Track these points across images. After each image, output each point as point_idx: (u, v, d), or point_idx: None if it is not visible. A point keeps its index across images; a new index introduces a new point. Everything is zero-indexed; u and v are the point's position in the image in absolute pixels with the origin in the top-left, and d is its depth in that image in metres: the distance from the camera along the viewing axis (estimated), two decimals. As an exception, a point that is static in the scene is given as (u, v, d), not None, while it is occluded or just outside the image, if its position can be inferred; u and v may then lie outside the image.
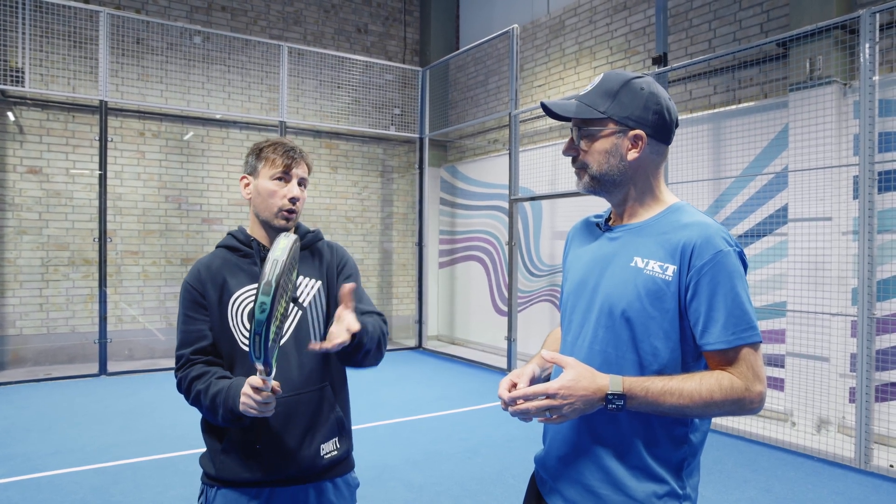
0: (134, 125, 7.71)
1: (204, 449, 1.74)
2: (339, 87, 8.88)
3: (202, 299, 1.69)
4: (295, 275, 1.52)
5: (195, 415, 5.46)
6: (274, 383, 1.45)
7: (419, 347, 9.04)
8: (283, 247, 1.38)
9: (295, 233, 1.79)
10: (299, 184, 1.73)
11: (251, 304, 1.67)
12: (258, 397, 1.44)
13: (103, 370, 6.86)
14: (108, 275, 7.15)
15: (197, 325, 1.68)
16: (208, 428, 1.70)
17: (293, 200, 1.70)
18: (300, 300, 1.73)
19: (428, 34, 9.78)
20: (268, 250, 1.72)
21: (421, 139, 9.05)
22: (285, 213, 1.70)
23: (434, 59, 9.48)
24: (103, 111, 6.89)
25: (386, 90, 9.11)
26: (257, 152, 1.74)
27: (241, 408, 1.47)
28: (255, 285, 1.68)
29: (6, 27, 6.73)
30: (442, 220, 9.74)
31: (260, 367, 1.40)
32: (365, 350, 1.60)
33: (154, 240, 7.81)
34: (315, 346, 1.45)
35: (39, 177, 7.21)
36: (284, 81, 7.88)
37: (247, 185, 1.76)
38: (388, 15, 9.75)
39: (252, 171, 1.75)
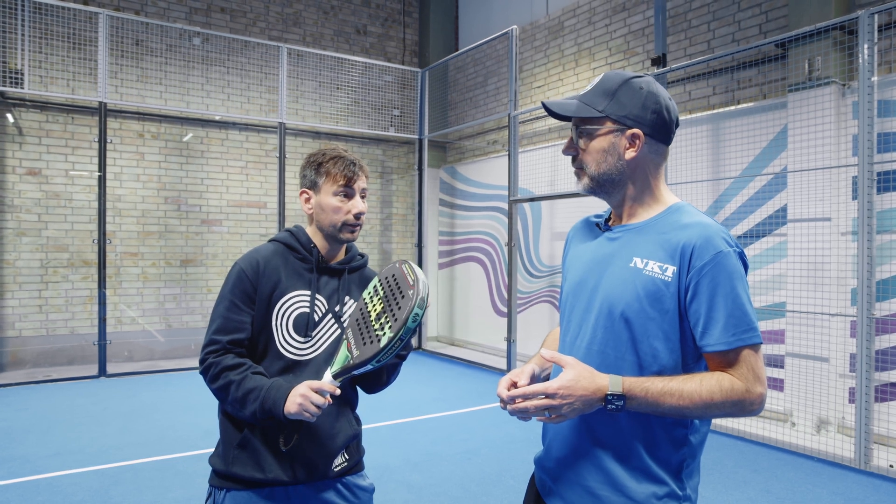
0: (133, 126, 7.71)
1: (210, 451, 1.74)
2: (338, 88, 8.88)
3: (253, 292, 1.67)
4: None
5: (195, 416, 5.42)
6: (336, 389, 1.52)
7: (419, 348, 9.04)
8: (422, 272, 1.51)
9: (346, 253, 1.83)
10: (362, 195, 1.75)
11: (301, 310, 1.70)
12: (316, 398, 1.49)
13: (103, 372, 6.85)
14: (108, 276, 7.15)
15: (241, 316, 1.66)
16: (229, 417, 1.70)
17: (358, 216, 1.73)
18: (342, 320, 1.75)
19: (427, 35, 9.79)
20: (326, 261, 1.78)
21: (420, 140, 9.05)
22: (350, 227, 1.74)
23: (433, 60, 9.49)
24: (102, 113, 6.89)
25: (385, 91, 9.11)
26: (316, 167, 1.74)
27: (294, 407, 1.50)
28: (307, 292, 1.72)
29: (5, 29, 6.73)
30: (441, 220, 9.75)
31: (336, 374, 1.51)
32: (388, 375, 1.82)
33: (153, 241, 7.81)
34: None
35: (39, 178, 7.20)
36: (283, 83, 7.88)
37: (307, 199, 1.76)
38: (388, 16, 9.76)
39: (312, 186, 1.75)
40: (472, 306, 9.06)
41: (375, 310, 1.53)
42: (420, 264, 9.11)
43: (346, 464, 1.76)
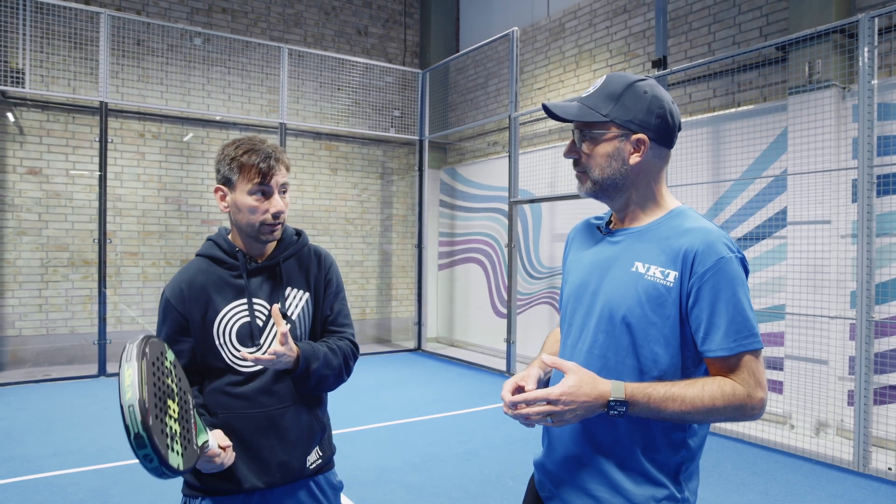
0: (134, 126, 7.72)
1: None
2: (339, 88, 8.88)
3: (184, 321, 1.62)
4: (166, 372, 1.38)
5: (195, 416, 5.31)
6: (218, 443, 1.48)
7: (418, 349, 9.04)
8: (129, 384, 1.23)
9: (280, 242, 1.74)
10: (281, 191, 1.62)
11: (241, 321, 1.64)
12: (213, 464, 1.47)
13: (102, 371, 6.85)
14: (108, 276, 7.15)
15: (177, 346, 1.63)
16: None
17: (277, 215, 1.60)
18: (289, 313, 1.68)
19: (428, 36, 9.80)
20: (254, 260, 1.67)
21: (421, 141, 9.06)
22: (269, 228, 1.61)
23: (434, 61, 9.49)
24: (103, 112, 6.89)
25: (386, 92, 9.11)
26: (229, 161, 1.59)
27: (202, 468, 1.50)
28: (243, 300, 1.65)
29: (7, 28, 6.73)
30: (441, 222, 9.75)
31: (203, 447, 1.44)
32: (318, 376, 1.62)
33: (154, 241, 7.81)
34: (246, 355, 1.52)
35: (39, 178, 7.21)
36: (284, 83, 7.89)
37: (223, 197, 1.63)
38: (389, 17, 9.76)
39: (226, 183, 1.61)
40: (471, 307, 9.06)
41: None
42: (420, 265, 9.11)
43: (320, 461, 1.74)
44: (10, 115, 7.10)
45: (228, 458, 1.50)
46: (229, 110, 8.25)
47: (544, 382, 1.43)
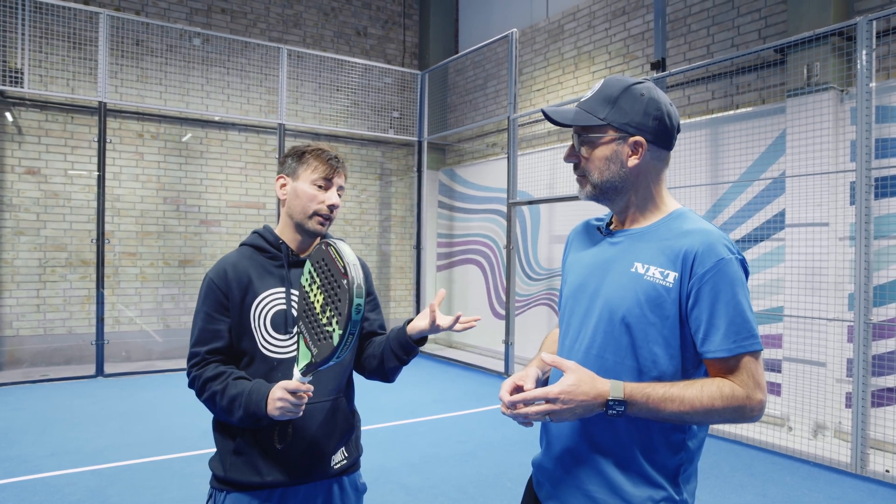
0: (133, 126, 7.71)
1: (212, 451, 1.75)
2: (338, 89, 8.89)
3: (225, 300, 1.67)
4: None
5: (192, 417, 5.40)
6: (308, 386, 1.50)
7: (416, 350, 9.03)
8: (350, 250, 1.44)
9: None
10: (339, 192, 1.76)
11: (277, 308, 1.69)
12: (295, 399, 1.48)
13: (100, 372, 6.84)
14: (106, 276, 7.14)
15: (216, 325, 1.67)
16: (220, 427, 1.71)
17: (332, 207, 1.72)
18: None
19: (427, 38, 9.80)
20: (296, 254, 1.75)
21: (419, 142, 9.06)
22: (321, 219, 1.72)
23: (433, 62, 9.50)
24: (102, 112, 6.89)
25: (385, 93, 9.12)
26: (299, 155, 1.74)
27: (276, 412, 1.49)
28: (282, 289, 1.71)
29: (5, 28, 6.72)
30: (440, 223, 9.75)
31: (303, 371, 1.47)
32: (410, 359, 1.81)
33: (152, 241, 7.81)
34: (439, 299, 1.72)
35: (38, 178, 7.20)
36: (283, 84, 7.89)
37: (283, 185, 1.75)
38: (388, 18, 9.77)
39: (291, 173, 1.74)
40: (470, 308, 9.06)
41: (318, 301, 1.48)
42: (418, 266, 9.11)
43: (345, 461, 1.76)
44: (8, 114, 7.09)
45: (302, 409, 1.53)
46: (228, 111, 8.25)
47: (542, 382, 1.43)
